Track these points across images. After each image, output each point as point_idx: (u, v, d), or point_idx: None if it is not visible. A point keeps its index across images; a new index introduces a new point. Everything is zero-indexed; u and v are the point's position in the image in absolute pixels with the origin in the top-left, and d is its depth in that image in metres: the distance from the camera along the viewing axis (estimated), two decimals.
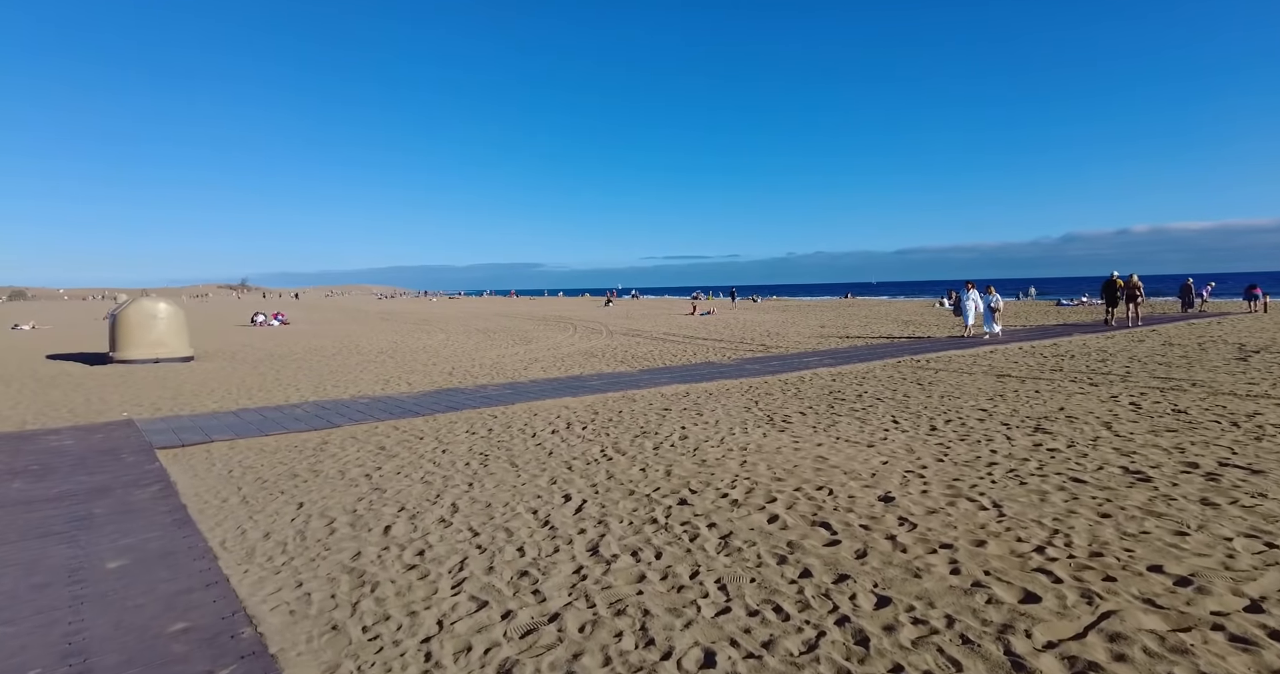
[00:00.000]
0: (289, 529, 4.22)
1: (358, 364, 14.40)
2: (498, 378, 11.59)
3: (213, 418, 7.89)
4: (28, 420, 8.17)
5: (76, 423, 7.85)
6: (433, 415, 7.86)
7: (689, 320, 31.04)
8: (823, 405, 8.16)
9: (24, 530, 4.13)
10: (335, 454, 6.20)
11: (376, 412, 8.13)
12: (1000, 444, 5.87)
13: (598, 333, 23.16)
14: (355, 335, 23.29)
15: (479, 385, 10.41)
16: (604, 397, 9.10)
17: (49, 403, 9.41)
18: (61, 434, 6.97)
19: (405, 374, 12.47)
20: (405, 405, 8.57)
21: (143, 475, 5.33)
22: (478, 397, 9.16)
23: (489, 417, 7.85)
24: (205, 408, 8.86)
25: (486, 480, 5.20)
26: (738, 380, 10.42)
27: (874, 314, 32.74)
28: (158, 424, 7.49)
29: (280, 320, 30.35)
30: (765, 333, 21.52)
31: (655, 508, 4.43)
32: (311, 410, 8.27)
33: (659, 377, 10.92)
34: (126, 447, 6.33)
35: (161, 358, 14.88)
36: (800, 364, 12.25)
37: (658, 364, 13.29)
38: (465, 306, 57.66)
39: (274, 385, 11.05)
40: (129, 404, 9.30)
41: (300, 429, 7.10)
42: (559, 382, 10.63)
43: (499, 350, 17.32)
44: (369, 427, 7.36)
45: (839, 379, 10.47)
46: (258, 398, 9.71)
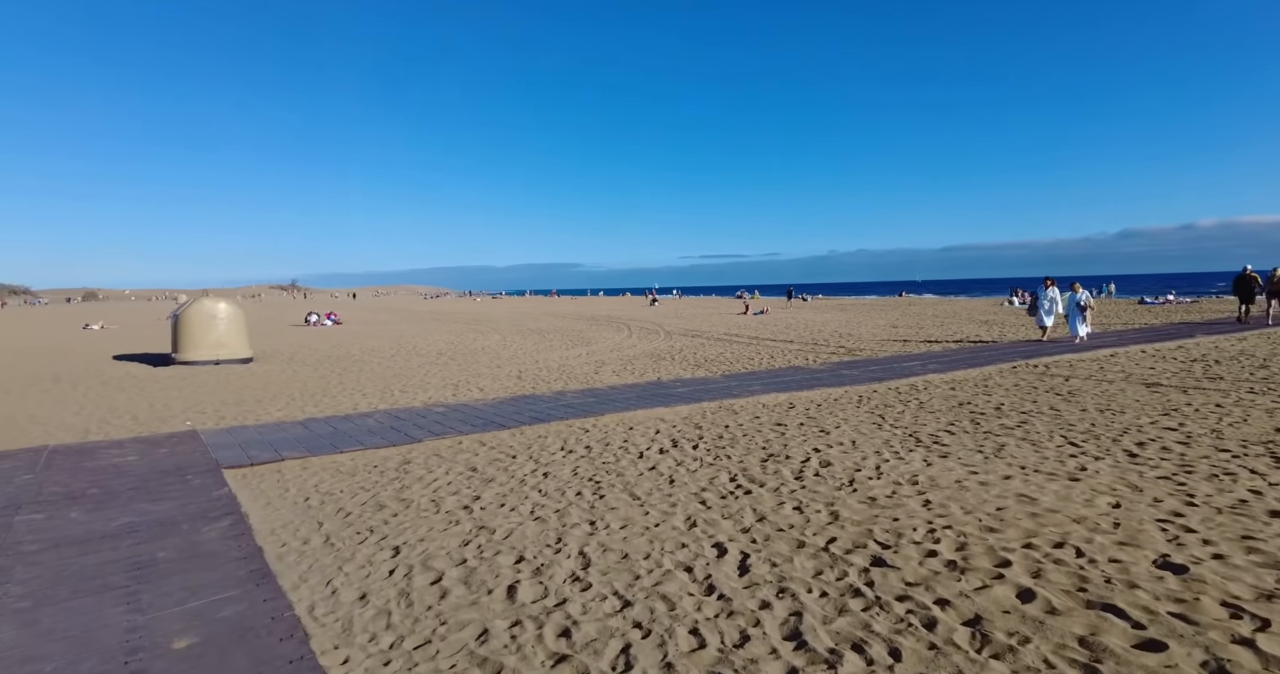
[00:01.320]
0: (389, 589, 3.36)
1: (419, 366, 13.79)
2: (571, 383, 10.73)
3: (279, 429, 7.22)
4: (90, 429, 7.68)
5: (139, 433, 7.30)
6: (519, 428, 7.01)
7: (744, 320, 29.81)
8: (964, 420, 6.97)
9: (78, 583, 3.39)
10: (422, 477, 5.38)
11: (455, 422, 7.34)
12: (1246, 478, 4.62)
13: (655, 334, 22.21)
14: (410, 336, 22.93)
15: (556, 392, 9.55)
16: (699, 407, 8.10)
17: (112, 409, 8.97)
18: (124, 447, 6.38)
19: (472, 378, 11.74)
20: (484, 415, 7.76)
21: (210, 504, 4.60)
22: (559, 405, 8.28)
23: (580, 431, 6.95)
24: (270, 416, 8.24)
25: (609, 518, 4.27)
26: (841, 389, 9.27)
27: (942, 313, 30.84)
28: (223, 436, 6.85)
29: (333, 320, 30.44)
30: (836, 334, 20.17)
31: (847, 570, 3.40)
32: (385, 421, 7.54)
33: (749, 383, 9.86)
34: (191, 465, 5.65)
35: (222, 359, 14.61)
36: (901, 370, 10.99)
37: (738, 368, 12.22)
38: (511, 306, 57.61)
39: (338, 390, 10.45)
40: (192, 411, 8.78)
41: (377, 444, 6.33)
42: (639, 388, 9.69)
43: (560, 352, 16.53)
44: (452, 442, 6.55)
45: (958, 387, 9.22)
46: (323, 405, 9.07)
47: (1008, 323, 23.08)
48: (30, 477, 5.30)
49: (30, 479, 5.21)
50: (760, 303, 44.61)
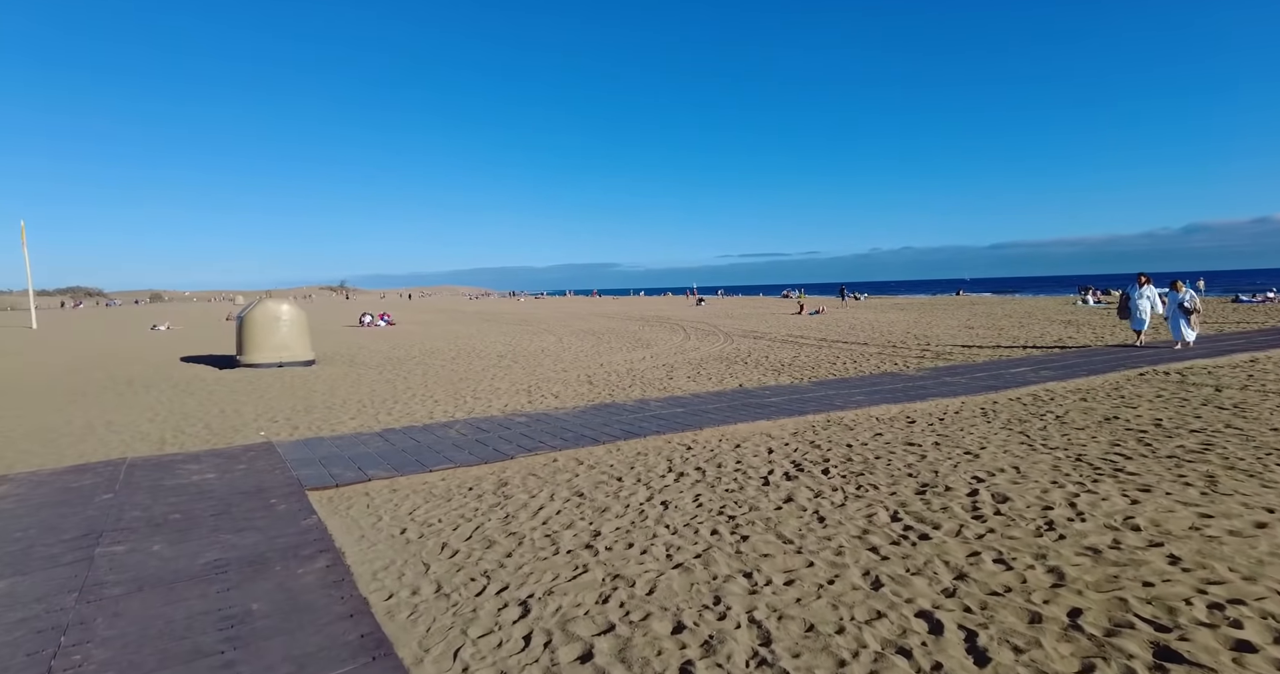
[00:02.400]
0: (534, 671, 2.71)
1: (483, 370, 13.35)
2: (649, 390, 10.04)
3: (358, 442, 6.75)
4: (166, 438, 7.39)
5: (214, 445, 6.95)
6: (613, 443, 6.36)
7: (801, 320, 28.67)
8: (1128, 440, 5.96)
9: (167, 644, 2.85)
10: (525, 503, 4.76)
11: (542, 435, 6.73)
12: None
13: (713, 335, 21.39)
14: (466, 337, 22.72)
15: (637, 401, 8.87)
16: (804, 421, 7.30)
17: (185, 415, 8.73)
18: (201, 461, 5.99)
19: (541, 383, 11.19)
20: (569, 426, 7.14)
21: (301, 537, 4.07)
22: (646, 416, 7.60)
23: (682, 448, 6.25)
24: (345, 426, 7.82)
25: (766, 569, 3.54)
26: (956, 399, 8.31)
27: (1013, 313, 29.01)
28: (300, 450, 6.41)
29: (386, 321, 30.65)
30: (910, 335, 18.95)
31: (1131, 666, 2.57)
32: (467, 432, 7.00)
33: (847, 392, 8.97)
34: (273, 485, 5.18)
35: (285, 361, 14.50)
36: (1012, 377, 9.91)
37: (823, 374, 11.32)
38: (555, 306, 57.58)
39: (408, 396, 10.03)
40: (263, 419, 8.45)
41: (466, 462, 5.77)
42: (726, 397, 8.92)
43: (622, 355, 15.91)
44: (546, 459, 5.94)
45: (1090, 398, 8.14)
46: (397, 413, 8.63)
47: (1092, 323, 21.38)
48: (110, 496, 4.91)
49: (110, 500, 4.82)
50: (815, 302, 43.19)
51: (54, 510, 4.61)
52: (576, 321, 31.18)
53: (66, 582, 3.48)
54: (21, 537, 4.10)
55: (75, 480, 5.38)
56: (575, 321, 31.17)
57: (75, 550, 3.87)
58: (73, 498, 4.89)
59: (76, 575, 3.55)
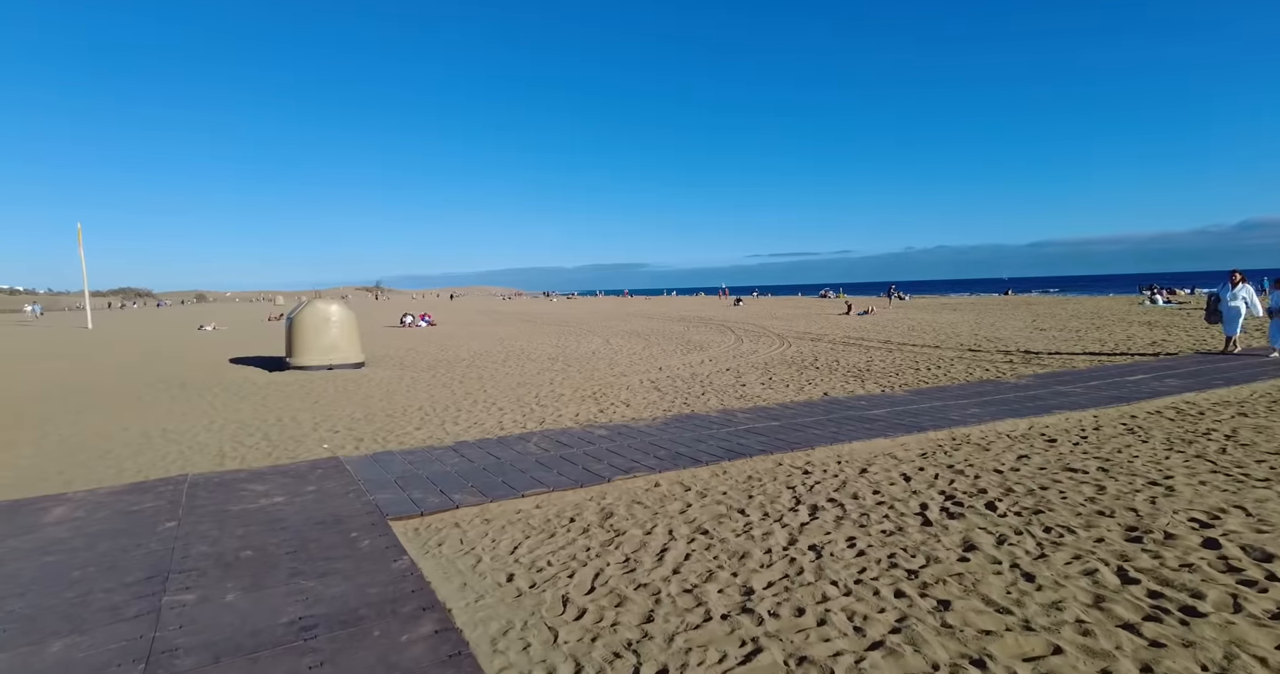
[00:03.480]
0: None
1: (538, 373, 12.74)
2: (726, 398, 9.24)
3: (432, 458, 6.13)
4: (225, 449, 6.89)
5: (276, 459, 6.40)
6: (716, 464, 5.60)
7: (852, 321, 27.52)
8: None
9: None
10: (644, 543, 4.03)
11: (630, 451, 6.01)
12: None
13: (765, 337, 20.47)
14: (510, 338, 22.25)
15: (720, 411, 8.09)
16: (926, 438, 6.43)
17: (241, 424, 8.27)
18: (266, 480, 5.43)
19: (604, 388, 10.49)
20: (657, 441, 6.40)
21: (395, 585, 3.41)
22: (739, 430, 6.82)
23: (797, 471, 5.45)
24: (413, 438, 7.22)
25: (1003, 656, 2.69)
26: (1084, 412, 7.32)
27: (1080, 313, 27.36)
28: (371, 468, 5.81)
29: (427, 321, 30.48)
30: (981, 337, 17.74)
31: None
32: (548, 447, 6.32)
33: (953, 403, 8.02)
34: (350, 513, 4.57)
35: (335, 364, 14.13)
36: (1135, 387, 8.82)
37: (912, 381, 10.36)
38: (590, 306, 57.14)
39: (470, 403, 9.43)
40: (323, 428, 7.93)
41: (560, 484, 5.07)
42: (816, 408, 8.07)
43: (678, 358, 15.14)
44: (647, 483, 5.21)
45: (1255, 414, 7.05)
46: (464, 423, 8.02)
47: (1177, 325, 19.80)
48: (173, 524, 4.36)
49: (173, 529, 4.25)
50: (862, 302, 41.78)
51: (114, 542, 4.06)
52: (616, 322, 30.53)
53: (131, 645, 2.87)
54: (80, 578, 3.54)
55: (135, 502, 4.86)
56: (615, 322, 30.52)
57: (139, 599, 3.28)
58: (134, 526, 4.34)
59: (142, 636, 2.94)
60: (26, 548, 3.98)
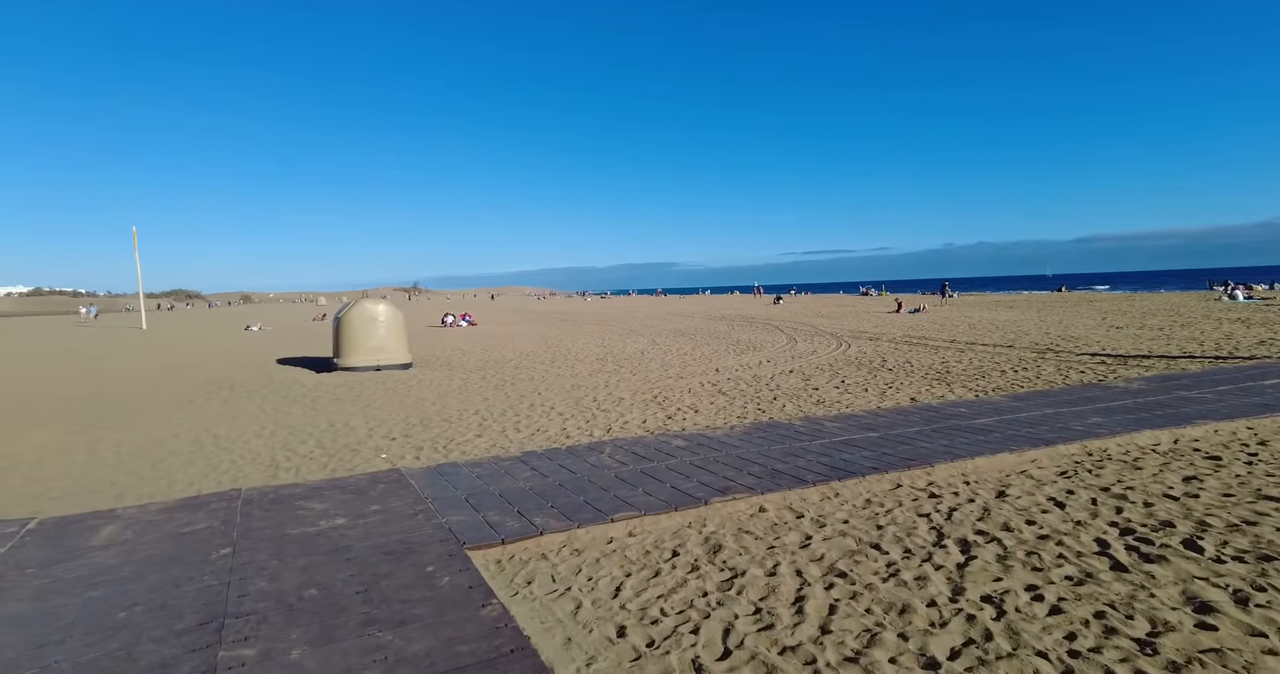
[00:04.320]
0: None
1: (591, 375, 12.18)
2: (803, 404, 8.48)
3: (500, 470, 5.57)
4: (278, 459, 6.48)
5: (333, 471, 5.95)
6: (825, 484, 4.89)
7: (905, 319, 26.30)
8: None
9: None
10: (773, 588, 3.35)
11: (718, 466, 5.35)
12: None
13: (819, 336, 19.55)
14: (552, 338, 21.83)
15: (804, 418, 7.35)
16: (1057, 453, 5.59)
17: (293, 430, 7.90)
18: (325, 497, 4.95)
19: (664, 391, 9.82)
20: (745, 455, 5.72)
21: (488, 641, 2.83)
22: (834, 441, 6.08)
23: (921, 494, 4.70)
24: (475, 447, 6.70)
25: None
26: (1233, 423, 6.34)
27: (1154, 309, 25.58)
28: (436, 482, 5.29)
29: (468, 321, 30.37)
30: (1055, 336, 16.51)
31: None
32: (625, 459, 5.70)
33: (1067, 410, 7.10)
34: (421, 539, 4.02)
35: (383, 364, 13.84)
36: (1276, 393, 7.77)
37: (1004, 384, 9.41)
38: (625, 306, 56.66)
39: (527, 407, 8.89)
40: (378, 434, 7.49)
41: (650, 506, 4.45)
42: (911, 415, 7.26)
43: (732, 359, 14.40)
44: (749, 506, 4.54)
45: None
46: (526, 429, 7.47)
47: (1274, 322, 18.16)
48: (228, 552, 3.88)
49: (228, 558, 3.78)
50: (913, 299, 40.24)
51: (164, 572, 3.59)
52: (656, 321, 29.89)
53: None
54: (126, 621, 3.06)
55: (187, 522, 4.42)
56: (655, 321, 29.89)
57: (192, 653, 2.77)
58: (186, 552, 3.88)
59: None
60: (71, 579, 3.54)
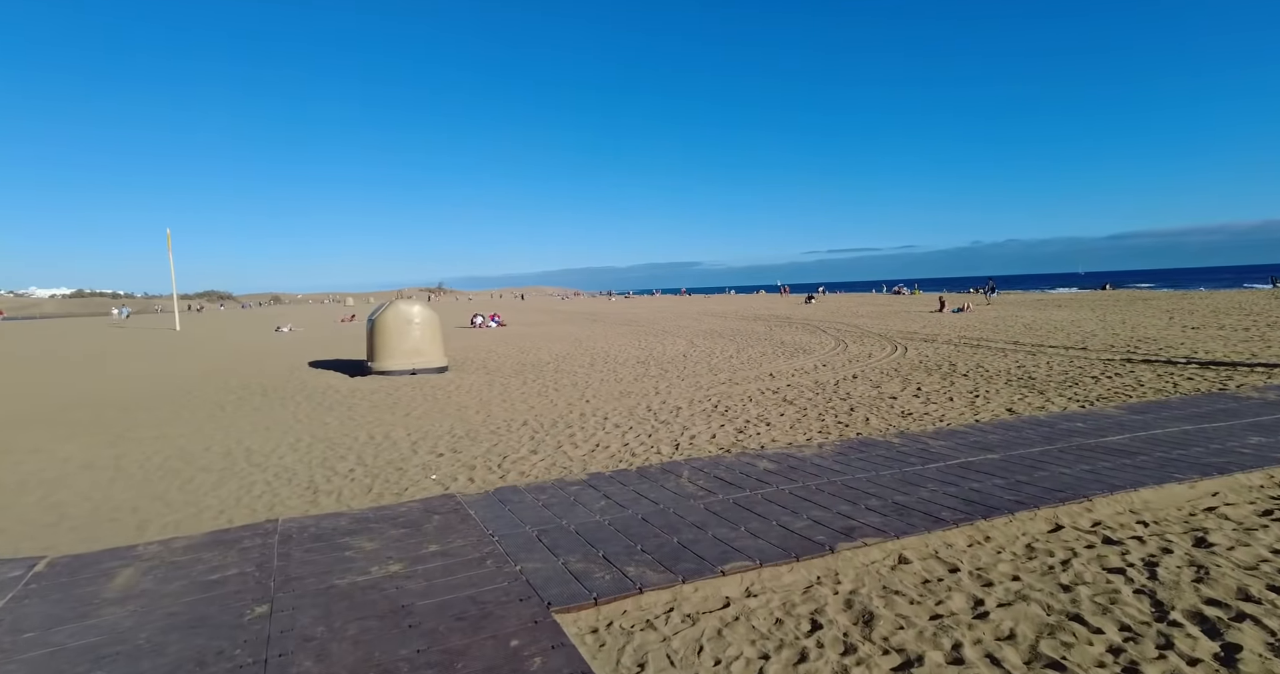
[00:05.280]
0: None
1: (635, 379, 11.43)
2: (888, 416, 7.58)
3: (569, 497, 4.84)
4: (316, 481, 5.82)
5: (379, 497, 5.27)
6: (968, 523, 4.06)
7: (951, 319, 25.08)
8: None
9: None
10: None
11: (825, 497, 4.53)
12: None
13: (867, 337, 18.54)
14: (586, 339, 21.15)
15: (901, 434, 6.45)
16: (1233, 481, 4.65)
17: (330, 443, 7.28)
18: (373, 533, 4.27)
19: (723, 398, 9.00)
20: (851, 481, 4.89)
21: None
22: (954, 466, 5.20)
23: (1093, 536, 3.82)
24: (533, 466, 5.98)
25: None
26: None
27: (1220, 308, 23.97)
28: (500, 514, 4.57)
29: (497, 322, 29.90)
30: (1125, 337, 15.28)
31: None
32: (710, 487, 4.92)
33: (1205, 425, 6.07)
34: (497, 598, 3.29)
35: (418, 368, 13.28)
36: None
37: (1103, 393, 8.38)
38: (650, 305, 55.92)
39: (578, 417, 8.15)
40: (423, 449, 6.83)
41: (764, 555, 3.66)
42: (1020, 430, 6.33)
43: (783, 362, 13.51)
44: (884, 553, 3.73)
45: None
46: (584, 444, 6.71)
47: None
48: (264, 609, 3.20)
49: (264, 621, 3.09)
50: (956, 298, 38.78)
51: (187, 642, 2.92)
52: (688, 322, 29.05)
53: None
54: None
55: (217, 565, 3.76)
56: (686, 322, 29.06)
57: None
58: (214, 611, 3.21)
59: None
60: (75, 648, 2.88)
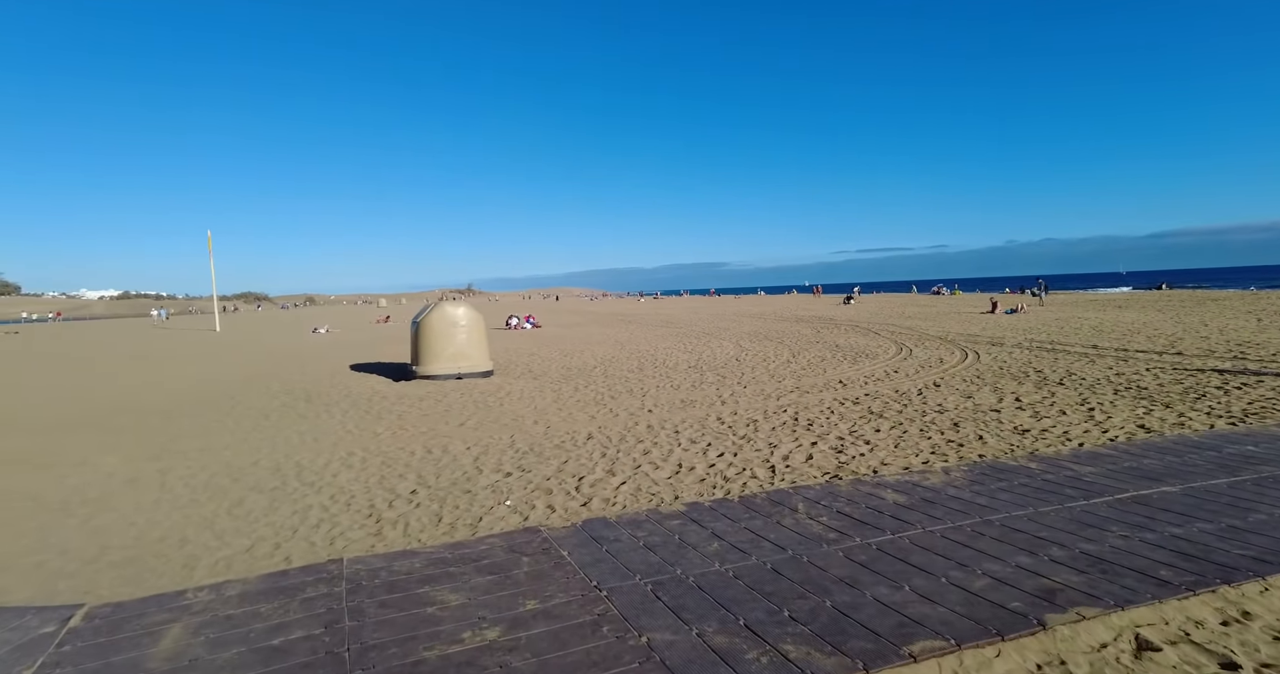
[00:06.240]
0: None
1: (694, 387, 10.68)
2: (1001, 433, 6.66)
3: (671, 535, 4.13)
4: (377, 505, 5.21)
5: (452, 528, 4.61)
6: (1210, 590, 3.24)
7: (1006, 320, 23.78)
8: None
9: None
10: None
11: (986, 542, 3.69)
12: None
13: (927, 340, 17.48)
14: (627, 342, 20.47)
15: (1034, 457, 5.56)
16: None
17: (386, 458, 6.71)
18: (457, 580, 3.62)
19: (801, 411, 8.14)
20: (1003, 518, 4.06)
21: None
22: (1125, 500, 4.32)
23: None
24: (615, 491, 5.25)
25: None
26: None
27: None
28: (596, 555, 3.88)
29: (532, 323, 29.45)
30: (1214, 341, 13.97)
31: None
32: (836, 524, 4.16)
33: None
34: None
35: (464, 372, 12.77)
36: None
37: (1250, 410, 7.30)
38: (681, 306, 55.10)
39: (646, 430, 7.40)
40: (487, 466, 6.19)
41: (950, 628, 2.91)
42: (1185, 455, 5.36)
43: (848, 368, 12.60)
44: (1111, 631, 2.89)
45: None
46: (664, 463, 5.97)
47: None
48: None
49: None
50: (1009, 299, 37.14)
51: None
52: (727, 323, 28.18)
53: None
54: None
55: (278, 623, 3.14)
56: (725, 323, 28.18)
57: None
58: None
59: None
60: None
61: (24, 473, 6.60)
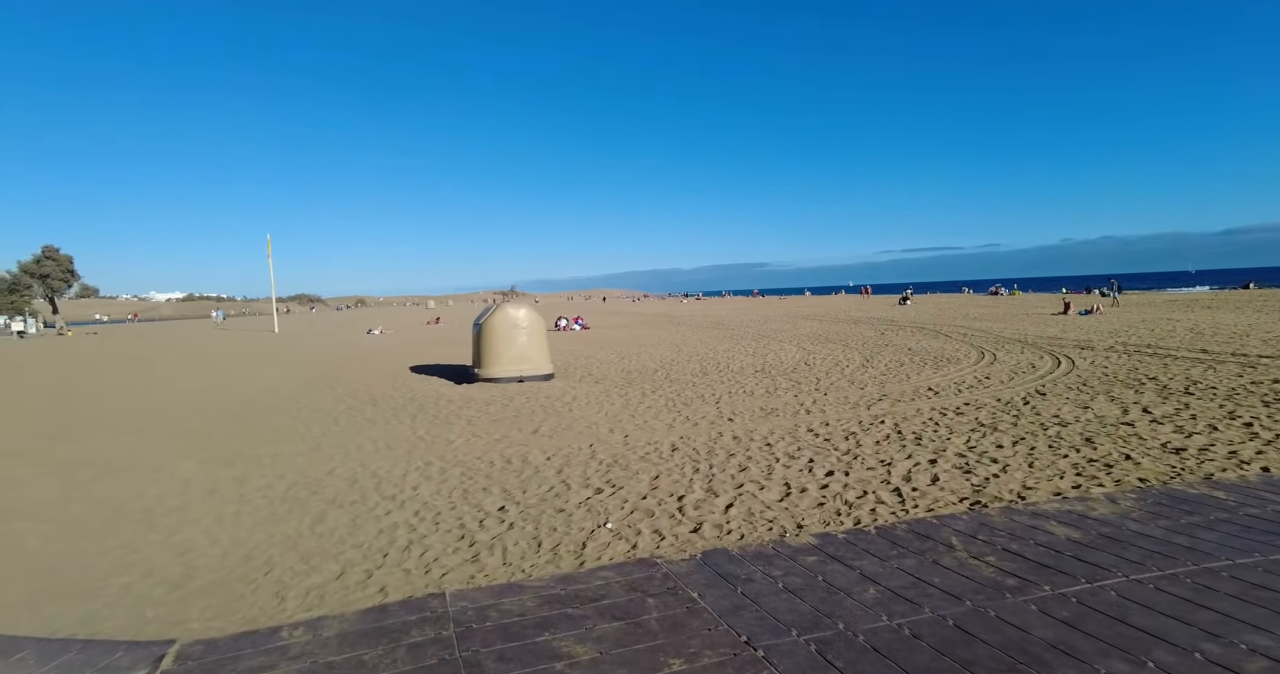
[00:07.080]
0: None
1: (768, 393, 10.06)
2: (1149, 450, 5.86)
3: (809, 575, 3.57)
4: (467, 523, 4.81)
5: (556, 557, 4.16)
6: None
7: (1083, 322, 22.29)
8: None
9: None
10: None
11: (1213, 597, 2.92)
12: None
13: (1008, 344, 16.37)
14: (683, 344, 19.94)
15: (1214, 483, 4.79)
16: None
17: (465, 468, 6.35)
18: (578, 625, 3.14)
19: (899, 421, 7.45)
20: (1199, 555, 3.33)
21: None
22: None
23: None
24: (725, 519, 4.71)
25: None
26: None
27: None
28: (731, 599, 3.36)
29: (581, 325, 29.26)
30: None
31: None
32: (1002, 563, 3.50)
33: None
34: None
35: (525, 375, 12.47)
36: None
37: None
38: (727, 307, 54.21)
39: (732, 442, 6.81)
40: (573, 480, 5.73)
41: None
42: None
43: (930, 374, 11.73)
44: None
45: None
46: (768, 483, 5.40)
47: None
48: None
49: None
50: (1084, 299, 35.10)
51: None
52: (780, 324, 27.32)
53: None
54: None
55: None
56: (778, 324, 27.33)
57: None
58: None
59: None
60: None
61: (107, 478, 6.51)
